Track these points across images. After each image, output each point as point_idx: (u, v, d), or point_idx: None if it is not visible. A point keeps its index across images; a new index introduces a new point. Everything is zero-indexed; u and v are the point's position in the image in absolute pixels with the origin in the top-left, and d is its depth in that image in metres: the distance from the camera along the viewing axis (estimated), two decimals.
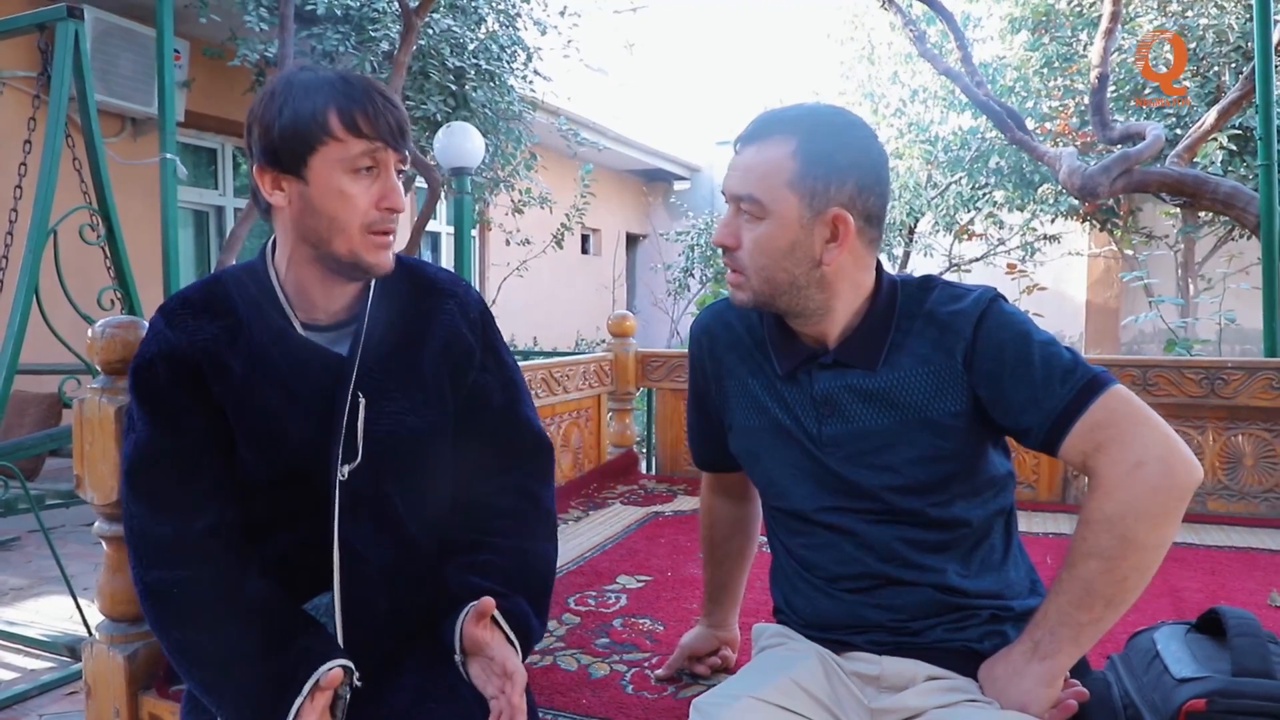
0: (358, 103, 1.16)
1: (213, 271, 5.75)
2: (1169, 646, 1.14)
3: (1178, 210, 7.47)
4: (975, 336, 1.15)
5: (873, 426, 1.18)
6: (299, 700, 1.09)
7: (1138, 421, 1.05)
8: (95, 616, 1.62)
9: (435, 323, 1.32)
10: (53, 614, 3.31)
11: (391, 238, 1.23)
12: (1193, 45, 7.18)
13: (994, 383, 1.13)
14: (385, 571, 1.26)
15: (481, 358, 1.36)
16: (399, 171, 1.22)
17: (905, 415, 1.17)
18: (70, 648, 2.91)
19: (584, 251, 12.45)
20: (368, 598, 1.24)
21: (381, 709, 1.18)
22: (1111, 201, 8.23)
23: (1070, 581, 1.06)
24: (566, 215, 8.69)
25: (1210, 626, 1.17)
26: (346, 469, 1.22)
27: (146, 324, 1.52)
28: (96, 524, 1.58)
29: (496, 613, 1.19)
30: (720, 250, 1.22)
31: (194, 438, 1.20)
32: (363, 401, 1.23)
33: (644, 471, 3.48)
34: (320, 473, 1.22)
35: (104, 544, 1.58)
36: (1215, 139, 6.52)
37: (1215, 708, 1.03)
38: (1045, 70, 8.05)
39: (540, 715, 1.37)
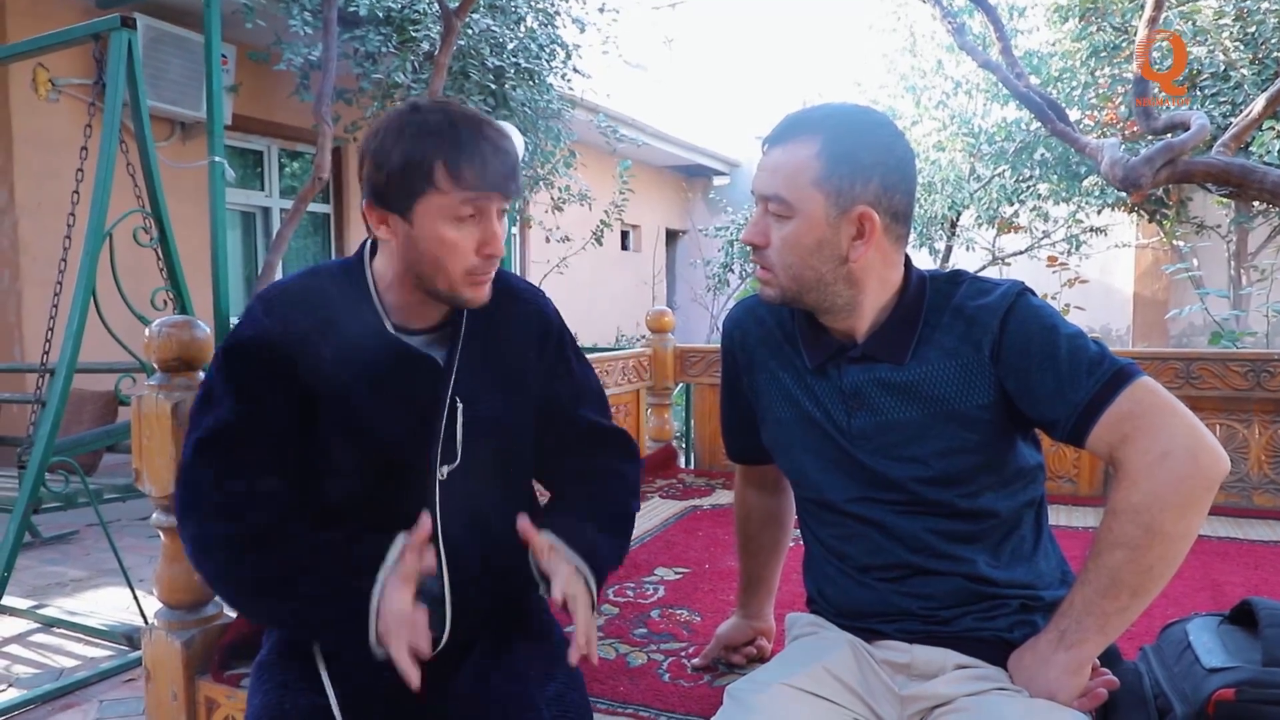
0: (465, 155, 1.18)
1: (259, 270, 5.83)
2: (1201, 637, 1.14)
3: (1230, 200, 7.31)
4: (1002, 330, 1.16)
5: (901, 419, 1.20)
6: (385, 570, 1.15)
7: (1164, 412, 1.06)
8: (151, 606, 1.69)
9: (518, 329, 1.38)
10: (111, 604, 3.43)
11: (490, 276, 1.27)
12: (1251, 30, 7.02)
13: (1021, 375, 1.14)
14: (477, 565, 1.32)
15: (553, 366, 1.42)
16: (502, 212, 1.24)
17: (933, 408, 1.19)
18: (128, 636, 3.01)
19: (624, 248, 12.49)
20: (464, 590, 1.30)
21: (454, 681, 1.25)
22: (1160, 192, 8.08)
23: (1096, 571, 1.07)
24: (606, 212, 8.73)
25: (1243, 618, 1.17)
26: (446, 469, 1.28)
27: (200, 323, 1.60)
28: (154, 515, 1.64)
29: (555, 540, 1.25)
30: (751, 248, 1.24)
31: (270, 420, 1.24)
32: (460, 406, 1.29)
33: (682, 466, 3.51)
34: (407, 467, 1.28)
35: (161, 535, 1.64)
36: (1272, 128, 6.37)
37: (1244, 697, 1.03)
38: (1093, 60, 7.91)
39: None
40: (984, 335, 1.17)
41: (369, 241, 1.34)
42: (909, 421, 1.20)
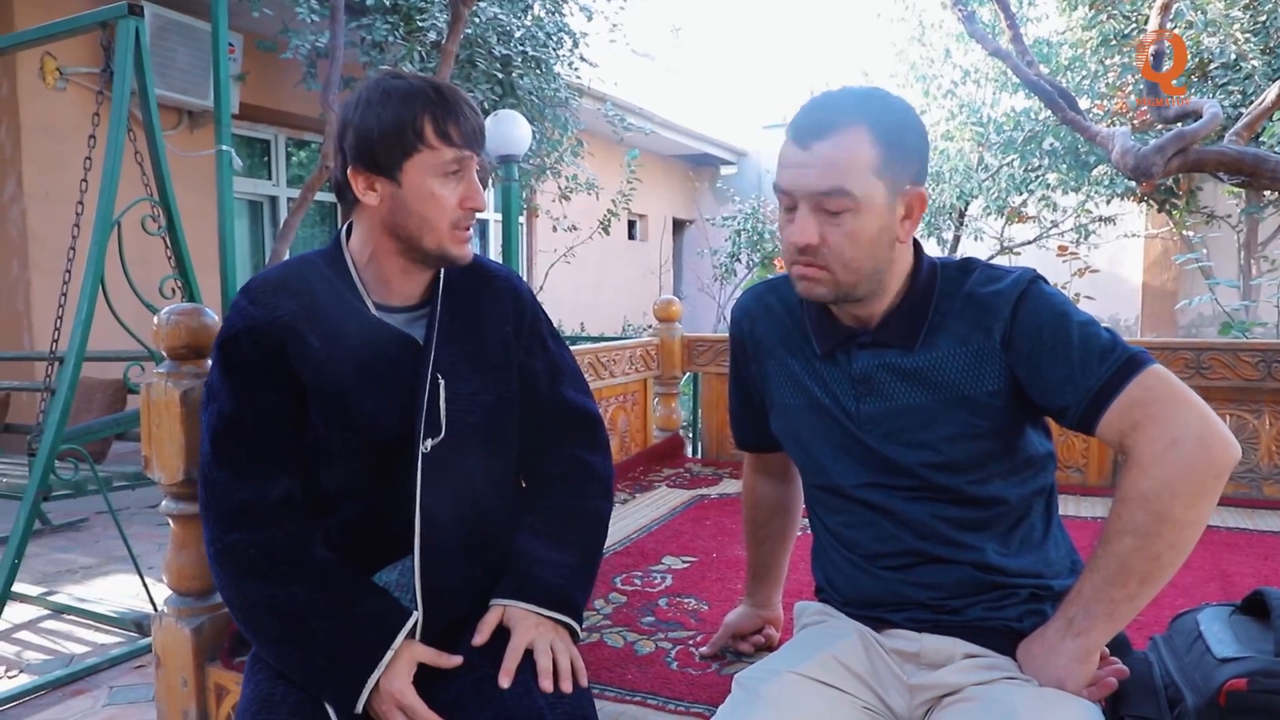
0: (449, 112, 1.26)
1: (267, 259, 5.84)
2: (1212, 627, 1.14)
3: (1240, 189, 7.27)
4: (1014, 316, 1.15)
5: (910, 404, 1.20)
6: (383, 663, 1.20)
7: (1176, 400, 1.05)
8: (160, 593, 1.69)
9: (495, 306, 1.43)
10: (120, 591, 3.44)
11: (472, 232, 1.34)
12: (1262, 19, 6.97)
13: (1032, 362, 1.14)
14: (460, 539, 1.34)
15: (528, 343, 1.46)
16: (476, 171, 1.32)
17: (943, 394, 1.18)
18: (137, 623, 3.03)
19: (631, 237, 12.48)
20: (444, 565, 1.32)
21: (449, 671, 1.26)
22: (1170, 181, 8.03)
23: (1105, 558, 1.06)
24: (613, 201, 8.72)
25: (1255, 608, 1.16)
26: (430, 442, 1.30)
27: (209, 311, 1.61)
28: (164, 503, 1.64)
29: (507, 603, 1.32)
30: (792, 247, 1.17)
31: (272, 409, 1.28)
32: (442, 382, 1.32)
33: (690, 455, 3.50)
34: (394, 445, 1.30)
35: (171, 522, 1.64)
36: None
37: (1256, 687, 1.02)
38: (1103, 48, 7.87)
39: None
40: (995, 322, 1.16)
41: (345, 227, 1.38)
42: (918, 407, 1.20)
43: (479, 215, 1.36)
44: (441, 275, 1.38)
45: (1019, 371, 1.16)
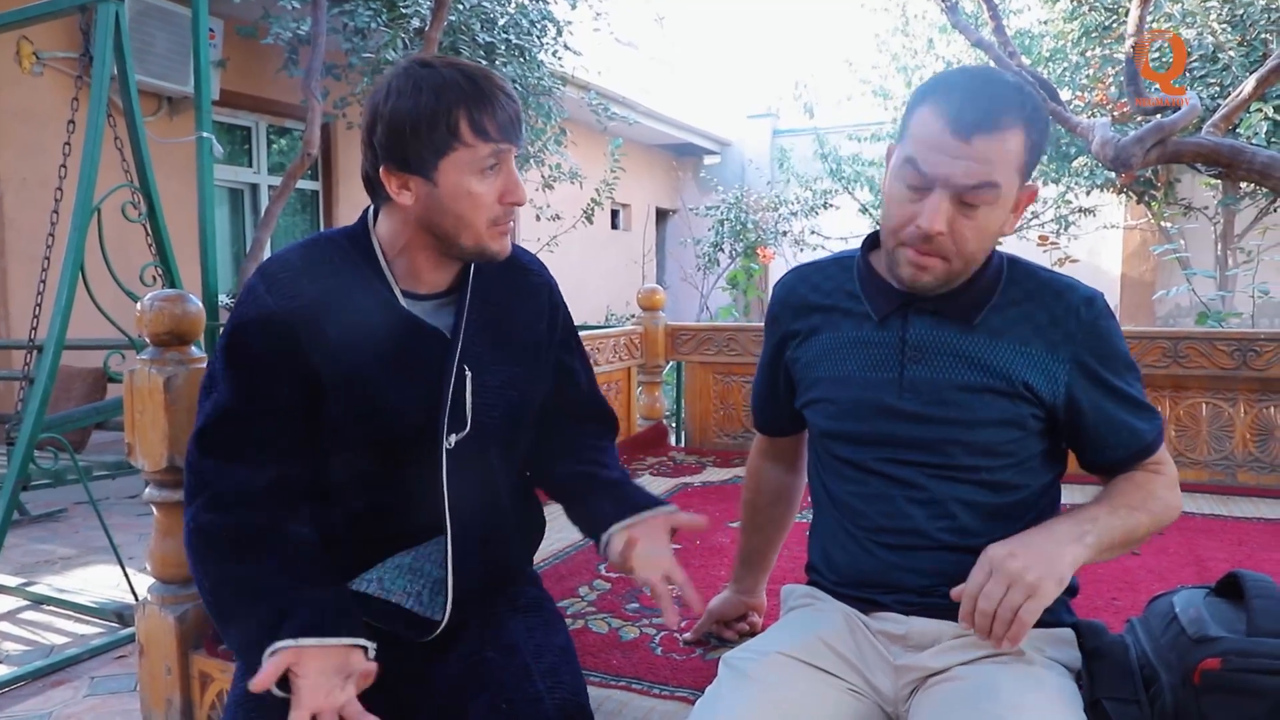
0: (485, 105, 1.18)
1: (248, 247, 5.78)
2: (1187, 609, 1.15)
3: (1217, 181, 7.34)
4: (1091, 334, 1.21)
5: (957, 380, 1.21)
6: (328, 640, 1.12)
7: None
8: (141, 583, 1.69)
9: (527, 298, 1.40)
10: (101, 582, 3.42)
11: (510, 225, 1.28)
12: (1239, 12, 7.03)
13: (1099, 399, 1.22)
14: (480, 536, 1.32)
15: (563, 338, 1.45)
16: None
17: (992, 378, 1.20)
18: (118, 614, 3.01)
19: (614, 227, 12.46)
20: (467, 560, 1.30)
21: (447, 656, 1.27)
22: (1149, 173, 8.10)
23: (1128, 518, 1.18)
24: (596, 190, 8.70)
25: (1229, 590, 1.18)
26: (454, 438, 1.27)
27: (192, 297, 1.60)
28: (147, 490, 1.64)
29: (642, 517, 1.35)
30: (917, 231, 1.15)
31: (274, 404, 1.22)
32: (469, 374, 1.28)
33: (673, 444, 3.52)
34: (418, 439, 1.27)
35: (154, 509, 1.64)
36: (1260, 110, 6.38)
37: (1230, 666, 1.04)
38: (1084, 40, 7.91)
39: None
40: (1071, 329, 1.20)
41: (370, 209, 1.33)
42: (964, 384, 1.21)
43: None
44: (471, 264, 1.33)
45: (1076, 390, 1.21)
